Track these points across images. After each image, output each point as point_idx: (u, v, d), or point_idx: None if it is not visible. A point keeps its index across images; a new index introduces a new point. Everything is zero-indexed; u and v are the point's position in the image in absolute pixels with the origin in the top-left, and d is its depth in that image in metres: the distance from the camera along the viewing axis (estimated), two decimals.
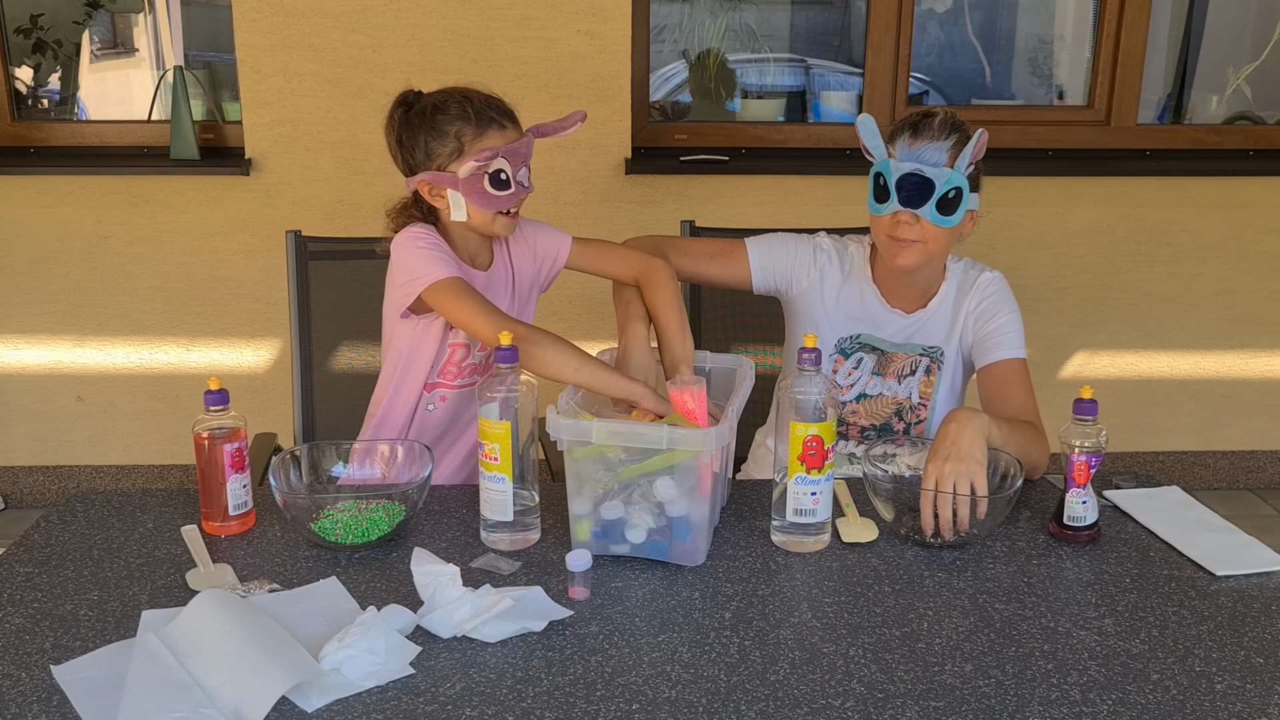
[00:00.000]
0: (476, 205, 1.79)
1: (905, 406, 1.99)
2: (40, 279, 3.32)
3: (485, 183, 1.78)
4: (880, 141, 1.85)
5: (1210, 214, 3.49)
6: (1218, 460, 3.74)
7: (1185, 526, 1.66)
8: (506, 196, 1.80)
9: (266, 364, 3.41)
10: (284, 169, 3.23)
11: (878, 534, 1.63)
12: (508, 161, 1.78)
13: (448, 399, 1.92)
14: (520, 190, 1.81)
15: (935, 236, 1.84)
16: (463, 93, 1.82)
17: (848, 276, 1.99)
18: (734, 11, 4.10)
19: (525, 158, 1.82)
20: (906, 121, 1.85)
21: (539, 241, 1.97)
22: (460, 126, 1.79)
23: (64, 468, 3.51)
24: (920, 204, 1.81)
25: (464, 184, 1.78)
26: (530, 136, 1.84)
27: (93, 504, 1.73)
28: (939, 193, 1.80)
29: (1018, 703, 1.24)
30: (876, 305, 1.97)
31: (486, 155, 1.77)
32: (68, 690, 1.24)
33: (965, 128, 1.84)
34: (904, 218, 1.82)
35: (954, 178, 1.80)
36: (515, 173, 1.80)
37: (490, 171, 1.78)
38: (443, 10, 3.14)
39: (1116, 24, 3.40)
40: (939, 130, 1.82)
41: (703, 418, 1.59)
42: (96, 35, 3.90)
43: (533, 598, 1.42)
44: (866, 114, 1.88)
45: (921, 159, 1.81)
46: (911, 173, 1.80)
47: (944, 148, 1.81)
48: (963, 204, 1.82)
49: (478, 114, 1.79)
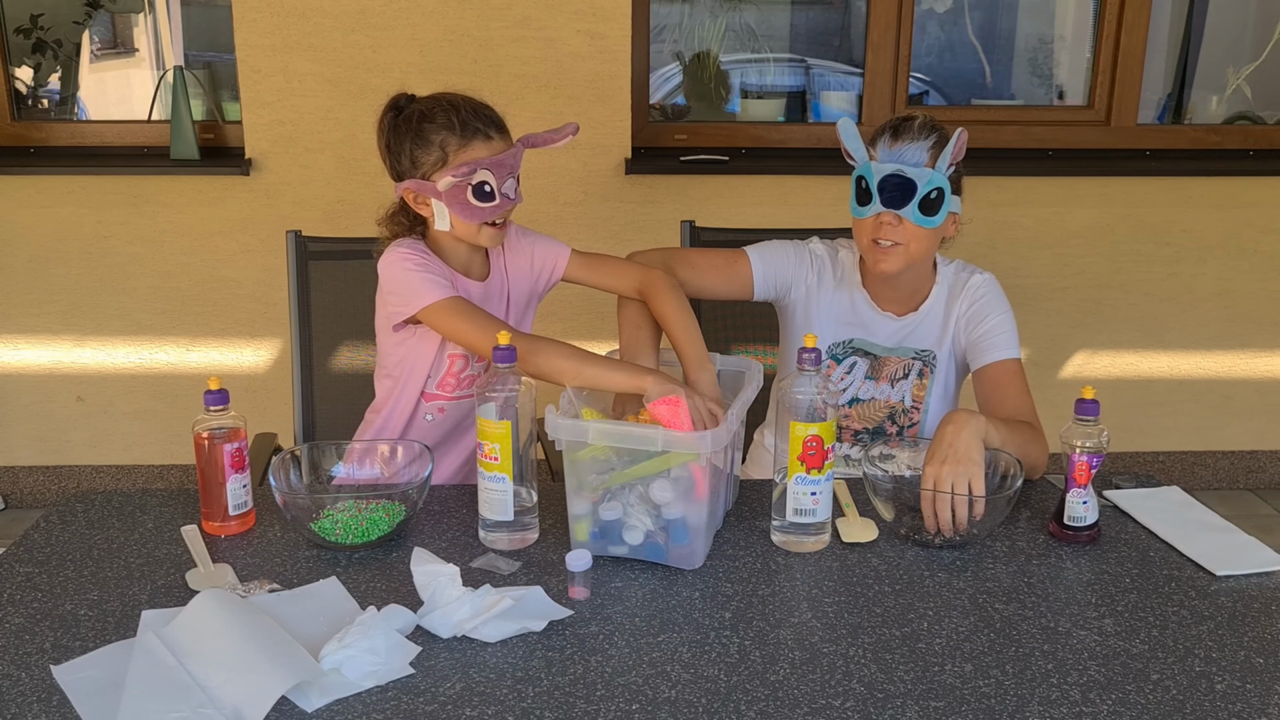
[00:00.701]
0: (460, 216, 1.78)
1: (898, 410, 2.00)
2: (40, 279, 3.32)
3: (469, 194, 1.76)
4: (861, 145, 1.86)
5: (1210, 214, 3.49)
6: (1218, 460, 3.74)
7: (1185, 526, 1.66)
8: (490, 208, 1.78)
9: (266, 364, 3.41)
10: (284, 169, 3.23)
11: (878, 534, 1.63)
12: (491, 173, 1.76)
13: (445, 410, 1.92)
14: (505, 202, 1.79)
15: (918, 238, 1.84)
16: (451, 101, 1.80)
17: (839, 282, 1.99)
18: (734, 11, 4.10)
19: (511, 169, 1.79)
20: (886, 125, 1.86)
21: (536, 252, 1.95)
22: (445, 136, 1.77)
23: (64, 468, 3.51)
24: (903, 204, 1.81)
25: (446, 195, 1.76)
26: (519, 147, 1.82)
27: (93, 504, 1.73)
28: (921, 193, 1.80)
29: (1018, 703, 1.24)
30: (867, 309, 1.97)
31: (465, 170, 1.74)
32: (68, 690, 1.24)
33: (944, 129, 1.85)
34: (887, 219, 1.83)
35: (935, 178, 1.80)
36: (500, 184, 1.77)
37: (474, 183, 1.76)
38: (443, 10, 3.14)
39: (1116, 24, 3.40)
40: (919, 131, 1.83)
41: (686, 424, 1.52)
42: (96, 35, 3.90)
43: (532, 598, 1.42)
44: (846, 118, 1.88)
45: (903, 159, 1.81)
46: (893, 174, 1.81)
47: (924, 148, 1.82)
48: (945, 205, 1.82)
49: (463, 124, 1.77)
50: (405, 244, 1.83)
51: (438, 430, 1.93)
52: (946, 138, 1.83)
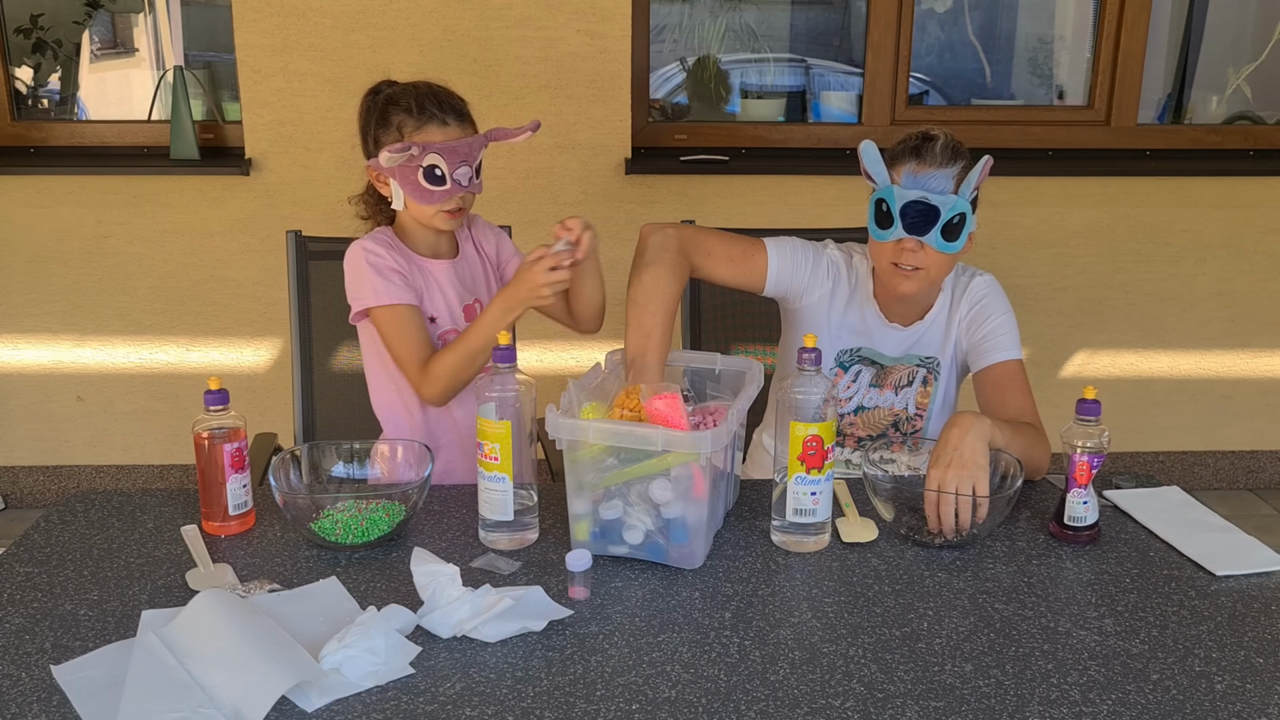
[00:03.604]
0: (412, 198, 1.85)
1: (902, 418, 1.99)
2: (40, 279, 3.32)
3: (419, 176, 1.82)
4: (883, 168, 1.82)
5: (1210, 214, 3.49)
6: (1218, 460, 3.74)
7: (1185, 526, 1.66)
8: (441, 192, 1.83)
9: (266, 364, 3.41)
10: (284, 169, 3.23)
11: (878, 534, 1.63)
12: (442, 158, 1.80)
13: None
14: (455, 188, 1.83)
15: (938, 263, 1.83)
16: (416, 86, 1.86)
17: (853, 292, 1.97)
18: (734, 11, 4.10)
19: (465, 157, 1.83)
20: (907, 146, 1.82)
21: (502, 247, 2.05)
22: (403, 118, 1.83)
23: (64, 468, 3.51)
24: (925, 231, 1.79)
25: (400, 176, 1.82)
26: (478, 138, 1.85)
27: (93, 504, 1.73)
28: (944, 219, 1.78)
29: (1018, 703, 1.24)
30: (876, 320, 1.96)
31: (399, 148, 1.79)
32: (68, 690, 1.24)
33: (967, 153, 1.82)
34: (908, 244, 1.80)
35: (959, 204, 1.78)
36: (452, 170, 1.81)
37: (424, 165, 1.81)
38: (443, 10, 3.14)
39: (1116, 24, 3.40)
40: (943, 156, 1.79)
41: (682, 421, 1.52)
42: (96, 35, 3.89)
43: (532, 598, 1.42)
44: (869, 141, 1.84)
45: (928, 186, 1.78)
46: (917, 200, 1.78)
47: (950, 175, 1.79)
48: (966, 228, 1.81)
49: (419, 108, 1.83)
50: (373, 236, 1.91)
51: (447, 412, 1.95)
52: (971, 163, 1.80)
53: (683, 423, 1.49)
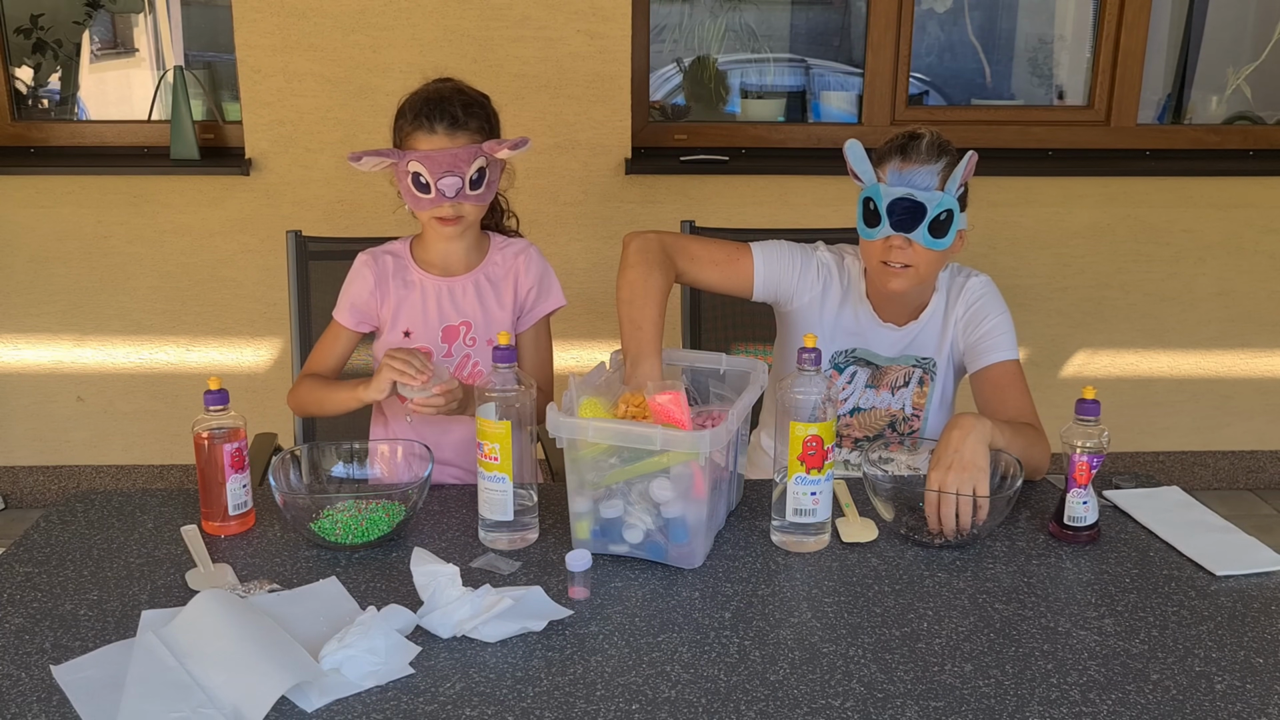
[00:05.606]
0: (407, 202, 1.87)
1: (899, 418, 2.00)
2: (40, 279, 3.32)
3: (409, 181, 1.83)
4: (869, 166, 1.84)
5: (1210, 214, 3.49)
6: (1218, 460, 3.74)
7: (1185, 526, 1.66)
8: (427, 200, 1.83)
9: (266, 364, 3.41)
10: (284, 169, 3.23)
11: (878, 534, 1.63)
12: (424, 166, 1.80)
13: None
14: (440, 199, 1.81)
15: (927, 260, 1.83)
16: (428, 89, 1.87)
17: (845, 293, 1.97)
18: (734, 12, 4.10)
19: (450, 167, 1.80)
20: (894, 145, 1.83)
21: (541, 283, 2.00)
22: (403, 122, 1.85)
23: (64, 468, 3.51)
24: (912, 228, 1.80)
25: (398, 177, 1.84)
26: (471, 149, 1.82)
27: (93, 504, 1.73)
28: (931, 216, 1.79)
29: (1018, 703, 1.24)
30: (870, 321, 1.96)
31: (373, 152, 1.81)
32: (68, 690, 1.24)
33: (953, 149, 1.83)
34: (896, 242, 1.81)
35: (945, 200, 1.79)
36: (435, 179, 1.80)
37: (410, 172, 1.81)
38: (443, 10, 3.14)
39: (1116, 24, 3.40)
40: (928, 153, 1.80)
41: (686, 419, 1.52)
42: (96, 35, 3.89)
43: (532, 598, 1.42)
44: (854, 140, 1.86)
45: (913, 183, 1.79)
46: (903, 197, 1.79)
47: (934, 170, 1.80)
48: (954, 225, 1.81)
49: (415, 113, 1.84)
50: (383, 246, 1.96)
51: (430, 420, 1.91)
52: (956, 159, 1.81)
53: (686, 419, 1.50)
